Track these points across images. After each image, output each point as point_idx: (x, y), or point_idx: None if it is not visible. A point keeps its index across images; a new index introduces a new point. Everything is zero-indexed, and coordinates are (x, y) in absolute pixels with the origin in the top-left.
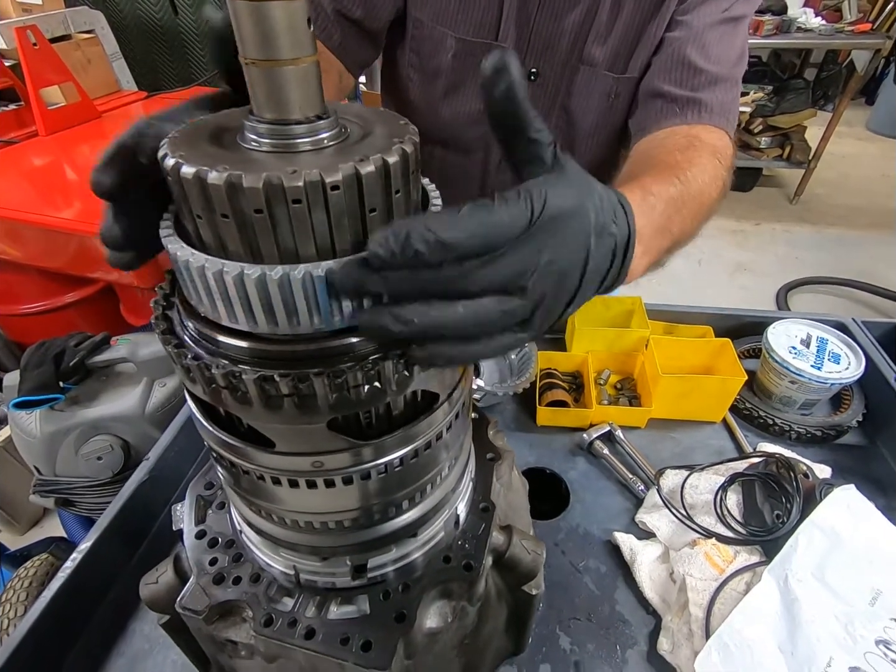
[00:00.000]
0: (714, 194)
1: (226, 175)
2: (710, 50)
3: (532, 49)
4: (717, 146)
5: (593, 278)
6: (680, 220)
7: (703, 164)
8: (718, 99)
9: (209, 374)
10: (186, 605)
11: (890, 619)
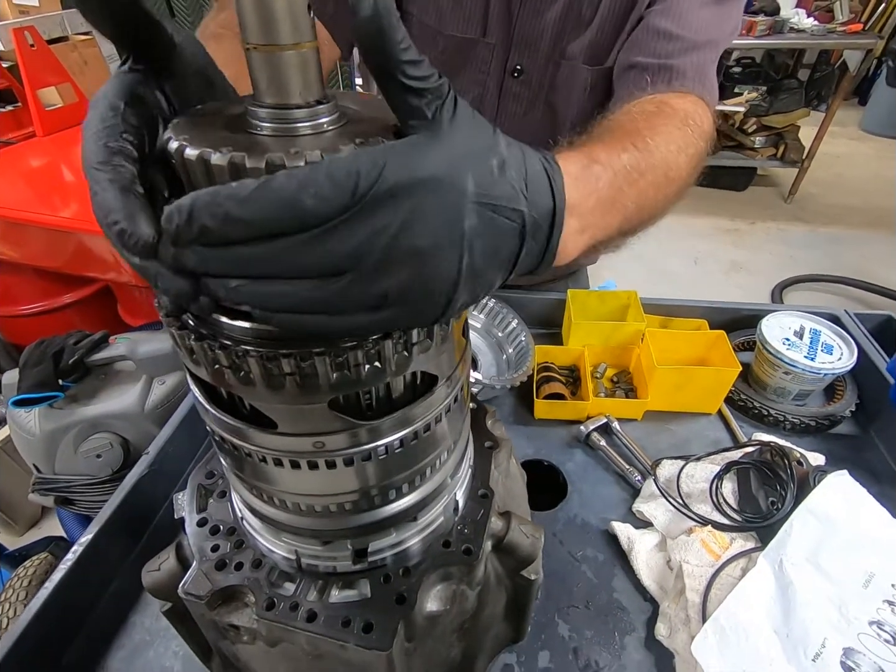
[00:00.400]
0: (683, 165)
1: (229, 156)
2: (687, 17)
3: (516, 46)
4: (689, 111)
5: (489, 260)
6: (637, 192)
7: (670, 131)
8: (693, 63)
9: (213, 354)
10: (189, 590)
11: (883, 601)
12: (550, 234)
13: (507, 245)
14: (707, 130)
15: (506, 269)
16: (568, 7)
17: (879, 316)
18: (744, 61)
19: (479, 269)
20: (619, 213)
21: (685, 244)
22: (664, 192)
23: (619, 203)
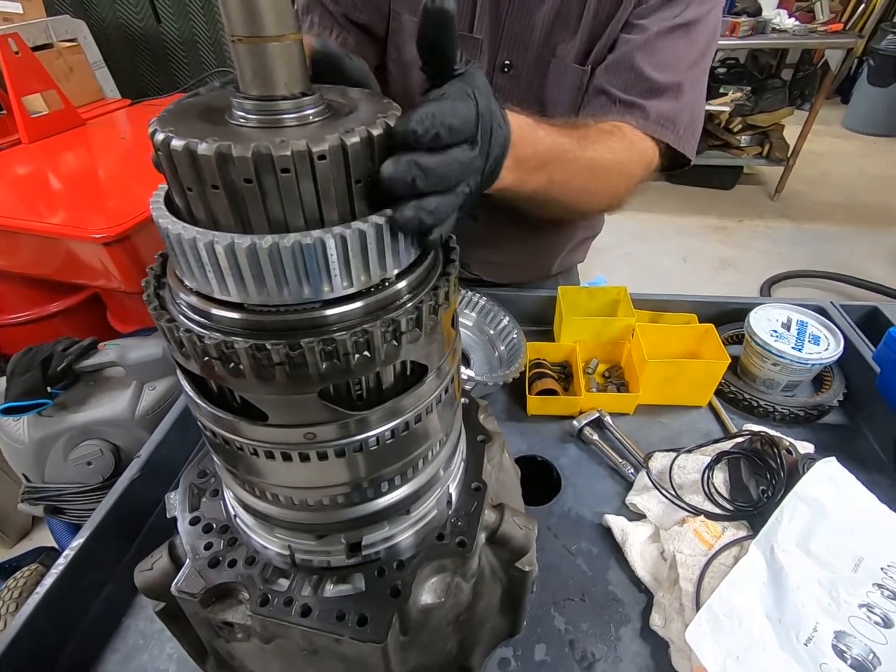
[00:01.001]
0: (613, 173)
1: (215, 146)
2: (659, 57)
3: (505, 42)
4: (637, 145)
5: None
6: (562, 169)
7: (613, 146)
8: (658, 108)
9: (202, 345)
10: (182, 588)
11: (872, 584)
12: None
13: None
14: (647, 160)
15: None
16: (558, 7)
17: (865, 307)
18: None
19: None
20: (544, 172)
21: (674, 243)
22: (589, 185)
23: (546, 163)
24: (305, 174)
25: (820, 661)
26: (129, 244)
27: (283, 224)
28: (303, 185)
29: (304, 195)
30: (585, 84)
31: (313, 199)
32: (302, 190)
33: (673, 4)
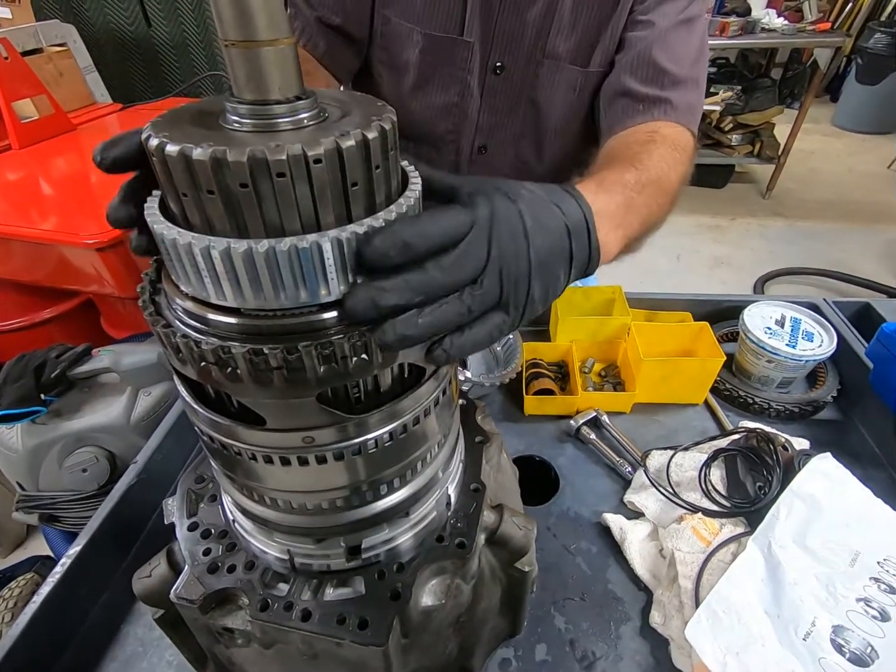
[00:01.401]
0: (675, 180)
1: (210, 151)
2: (673, 50)
3: (497, 43)
4: (677, 139)
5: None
6: (643, 201)
7: (662, 153)
8: (684, 99)
9: (198, 350)
10: (181, 594)
11: (869, 578)
12: (589, 232)
13: (560, 242)
14: (690, 154)
15: (565, 263)
16: (548, 7)
17: (857, 303)
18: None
19: (544, 261)
20: (637, 214)
21: (668, 241)
22: (662, 201)
23: (634, 207)
24: (301, 178)
25: (818, 655)
26: (122, 249)
27: (279, 228)
28: (299, 189)
29: (300, 199)
30: (581, 85)
31: (309, 203)
32: (298, 194)
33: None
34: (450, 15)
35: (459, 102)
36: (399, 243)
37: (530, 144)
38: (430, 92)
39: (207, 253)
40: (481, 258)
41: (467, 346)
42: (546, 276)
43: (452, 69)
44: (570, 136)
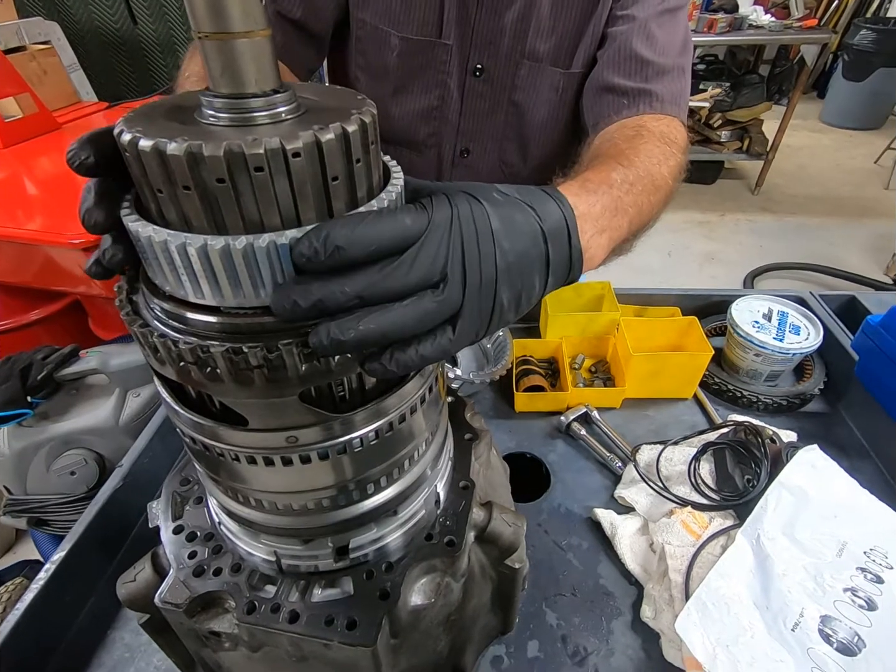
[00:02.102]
0: (666, 175)
1: (185, 145)
2: (655, 41)
3: (475, 45)
4: (665, 132)
5: (525, 263)
6: (632, 199)
7: (649, 149)
8: (668, 89)
9: (176, 350)
10: (166, 598)
11: (856, 569)
12: (569, 236)
13: (536, 246)
14: (682, 145)
15: (540, 269)
16: (527, 8)
17: (843, 296)
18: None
19: (515, 267)
20: (625, 215)
21: (659, 238)
22: (654, 198)
23: (621, 208)
24: (280, 172)
25: (807, 645)
26: None
27: (258, 224)
28: (277, 183)
29: (279, 194)
30: (564, 87)
31: (289, 198)
32: (277, 189)
33: None
34: (427, 17)
35: (440, 106)
36: (329, 248)
37: (514, 147)
38: (409, 96)
39: (184, 250)
40: (437, 262)
41: (413, 360)
42: (516, 283)
43: (431, 72)
44: (555, 137)
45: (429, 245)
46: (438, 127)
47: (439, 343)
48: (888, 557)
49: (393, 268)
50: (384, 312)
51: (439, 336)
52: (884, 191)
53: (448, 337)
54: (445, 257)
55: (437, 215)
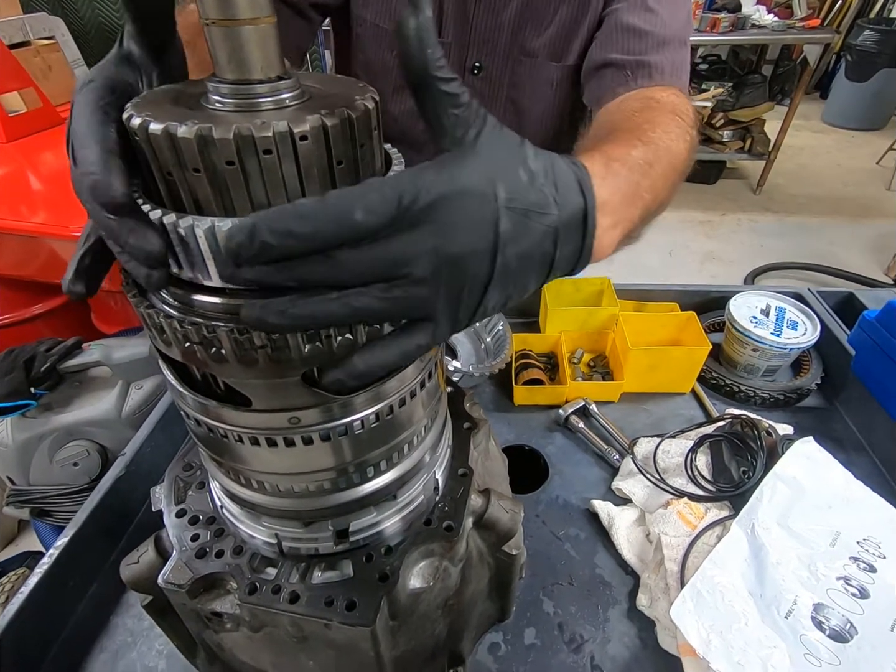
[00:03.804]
0: (683, 152)
1: (196, 128)
2: (654, 14)
3: (473, 44)
4: (675, 103)
5: (523, 262)
6: (650, 183)
7: (666, 122)
8: (669, 59)
9: (182, 330)
10: (169, 579)
11: (849, 558)
12: (584, 234)
13: (541, 247)
14: (692, 119)
15: (541, 272)
16: (524, 5)
17: (840, 293)
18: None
19: (513, 271)
20: (639, 204)
21: (660, 237)
22: (671, 179)
23: (637, 195)
24: (287, 155)
25: (800, 632)
26: None
27: (266, 207)
28: (285, 166)
29: (286, 177)
30: (558, 80)
31: (296, 181)
32: (285, 172)
33: None
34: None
35: None
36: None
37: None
38: (408, 94)
39: (192, 232)
40: (413, 249)
41: (373, 368)
42: (509, 286)
43: None
44: (550, 130)
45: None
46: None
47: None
48: (881, 547)
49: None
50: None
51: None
52: (885, 191)
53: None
54: (416, 257)
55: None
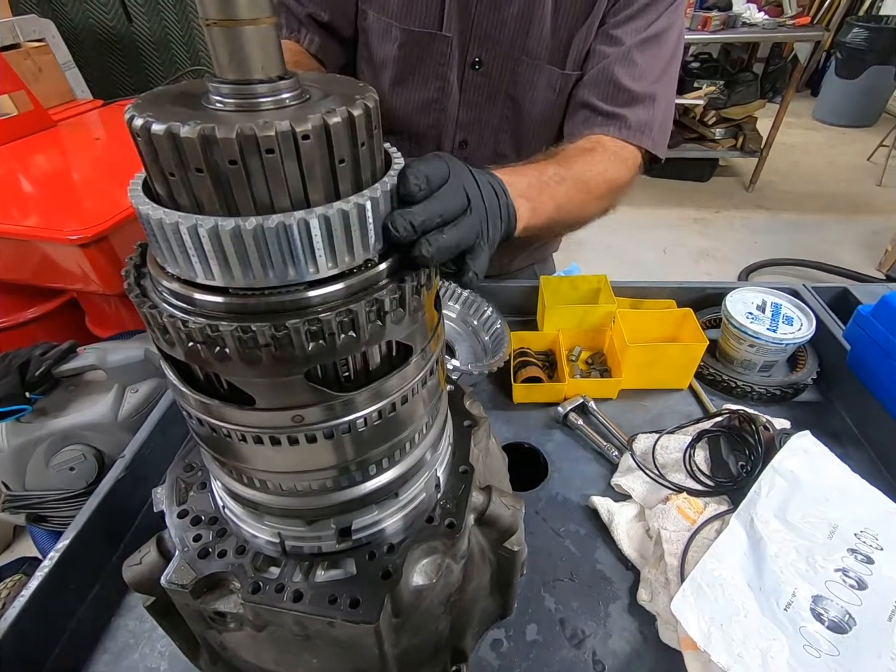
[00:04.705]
0: (601, 183)
1: (198, 128)
2: (635, 68)
3: (475, 38)
4: (619, 153)
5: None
6: (563, 191)
7: (594, 160)
8: (637, 116)
9: (186, 330)
10: (172, 580)
11: (847, 550)
12: (506, 195)
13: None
14: (631, 166)
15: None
16: (528, 5)
17: (835, 288)
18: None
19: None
20: (552, 198)
21: (654, 235)
22: (586, 197)
23: (547, 191)
24: (290, 154)
25: (799, 624)
26: (106, 245)
27: (269, 206)
28: (288, 165)
29: (289, 176)
30: (561, 87)
31: (298, 180)
32: (287, 171)
33: (647, 12)
34: (428, 9)
35: (440, 98)
36: (422, 178)
37: (508, 139)
38: (409, 87)
39: (195, 232)
40: (462, 193)
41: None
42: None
43: (432, 64)
44: (550, 133)
45: (455, 183)
46: (438, 119)
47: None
48: (878, 539)
49: (445, 194)
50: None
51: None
52: (876, 187)
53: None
54: (464, 191)
55: (451, 165)
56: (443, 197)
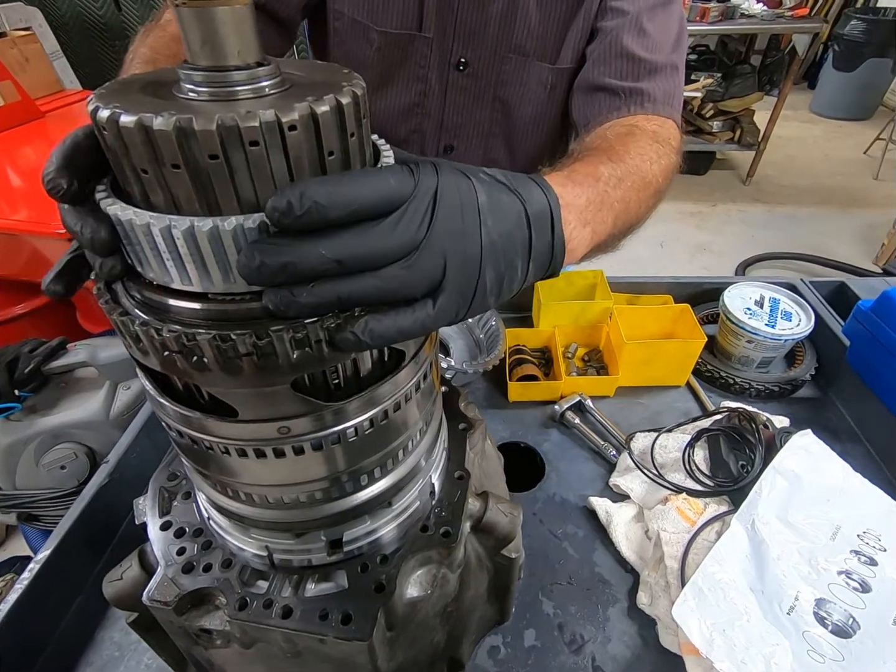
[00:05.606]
0: (658, 173)
1: (174, 119)
2: (647, 36)
3: (458, 38)
4: (658, 132)
5: (509, 246)
6: (620, 194)
7: (641, 146)
8: (661, 87)
9: (160, 338)
10: (154, 597)
11: (850, 551)
12: (553, 225)
13: (520, 229)
14: (676, 146)
15: (523, 254)
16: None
17: (833, 283)
18: (699, 49)
19: (500, 248)
20: (610, 210)
21: (651, 229)
22: (644, 195)
23: (607, 202)
24: (276, 147)
25: (802, 628)
26: None
27: (255, 204)
28: (273, 158)
29: (275, 170)
30: (553, 83)
31: (285, 174)
32: (273, 164)
33: None
34: (406, 9)
35: (422, 102)
36: (306, 203)
37: (500, 143)
38: (389, 92)
39: (169, 233)
40: (420, 229)
41: (389, 333)
42: (500, 264)
43: (411, 67)
44: (543, 134)
45: (413, 210)
46: (420, 123)
47: (417, 317)
48: (881, 540)
49: (373, 231)
50: (351, 278)
51: (418, 310)
52: (873, 181)
53: (427, 311)
54: (429, 225)
55: (423, 181)
56: (352, 233)
